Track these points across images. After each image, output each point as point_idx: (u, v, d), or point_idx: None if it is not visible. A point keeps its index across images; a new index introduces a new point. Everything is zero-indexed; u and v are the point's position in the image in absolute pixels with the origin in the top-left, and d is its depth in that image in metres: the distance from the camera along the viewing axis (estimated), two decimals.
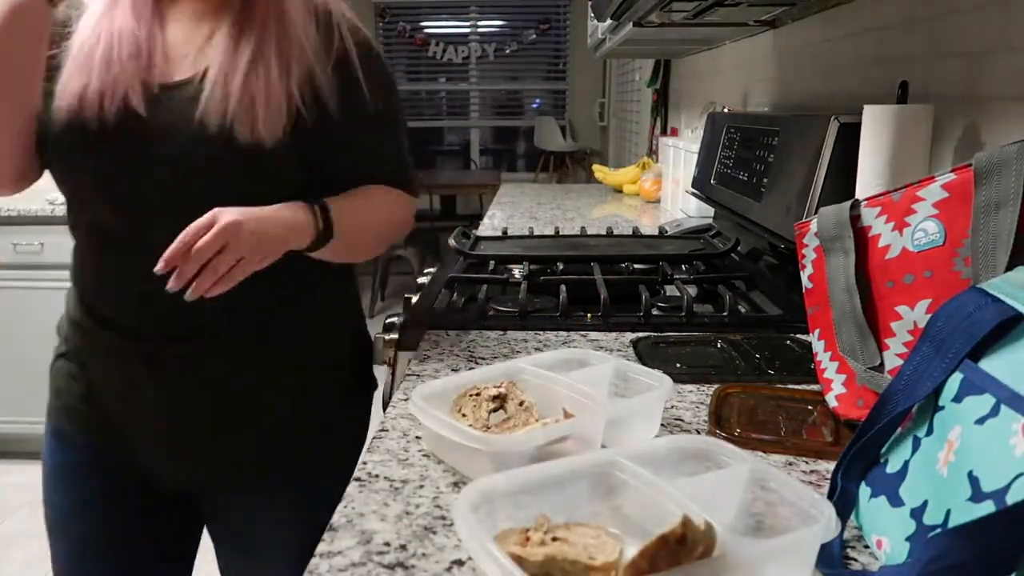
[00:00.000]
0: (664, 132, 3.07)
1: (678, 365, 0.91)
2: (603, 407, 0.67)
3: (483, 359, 0.94)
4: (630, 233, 1.73)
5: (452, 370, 0.91)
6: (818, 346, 0.78)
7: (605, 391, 0.76)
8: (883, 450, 0.56)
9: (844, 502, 0.56)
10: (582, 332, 1.04)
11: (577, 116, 6.57)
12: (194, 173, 0.83)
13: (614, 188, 2.86)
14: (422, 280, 1.36)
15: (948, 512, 0.47)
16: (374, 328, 1.04)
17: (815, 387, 0.81)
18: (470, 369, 0.88)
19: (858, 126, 1.01)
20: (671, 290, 1.25)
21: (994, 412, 0.46)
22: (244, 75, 0.83)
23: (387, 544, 0.56)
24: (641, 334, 1.02)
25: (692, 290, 1.16)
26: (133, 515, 0.96)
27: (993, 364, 0.48)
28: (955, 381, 0.50)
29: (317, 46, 0.87)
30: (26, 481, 2.52)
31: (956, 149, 0.98)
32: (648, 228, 1.89)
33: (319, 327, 0.95)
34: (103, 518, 0.95)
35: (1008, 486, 0.42)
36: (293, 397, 0.93)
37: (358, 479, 0.65)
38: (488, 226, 2.03)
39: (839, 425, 0.74)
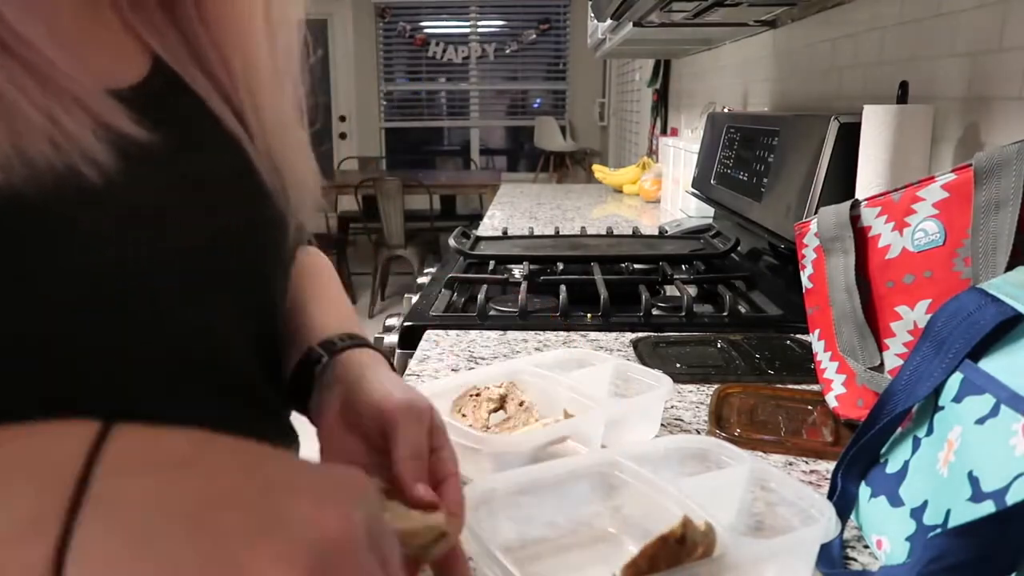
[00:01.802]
0: (664, 132, 3.07)
1: (678, 365, 0.91)
2: (603, 407, 0.67)
3: (483, 359, 0.94)
4: (630, 233, 1.73)
5: (452, 370, 0.90)
6: (818, 346, 0.78)
7: (605, 391, 0.76)
8: (883, 450, 0.56)
9: (844, 502, 0.56)
10: (582, 332, 1.04)
11: (577, 116, 6.57)
12: None
13: (614, 188, 2.86)
14: (422, 280, 1.36)
15: (948, 512, 0.47)
16: (374, 328, 1.04)
17: (815, 387, 0.81)
18: (470, 369, 0.88)
19: (858, 126, 1.01)
20: (671, 290, 1.25)
21: (994, 412, 0.46)
22: None
23: None
24: (641, 334, 1.02)
25: (692, 290, 1.16)
26: None
27: (993, 364, 0.48)
28: (955, 381, 0.50)
29: None
30: None
31: (956, 149, 0.98)
32: (648, 228, 1.89)
33: None
34: None
35: (1008, 486, 0.42)
36: None
37: None
38: (488, 226, 2.02)
39: (839, 425, 0.74)
